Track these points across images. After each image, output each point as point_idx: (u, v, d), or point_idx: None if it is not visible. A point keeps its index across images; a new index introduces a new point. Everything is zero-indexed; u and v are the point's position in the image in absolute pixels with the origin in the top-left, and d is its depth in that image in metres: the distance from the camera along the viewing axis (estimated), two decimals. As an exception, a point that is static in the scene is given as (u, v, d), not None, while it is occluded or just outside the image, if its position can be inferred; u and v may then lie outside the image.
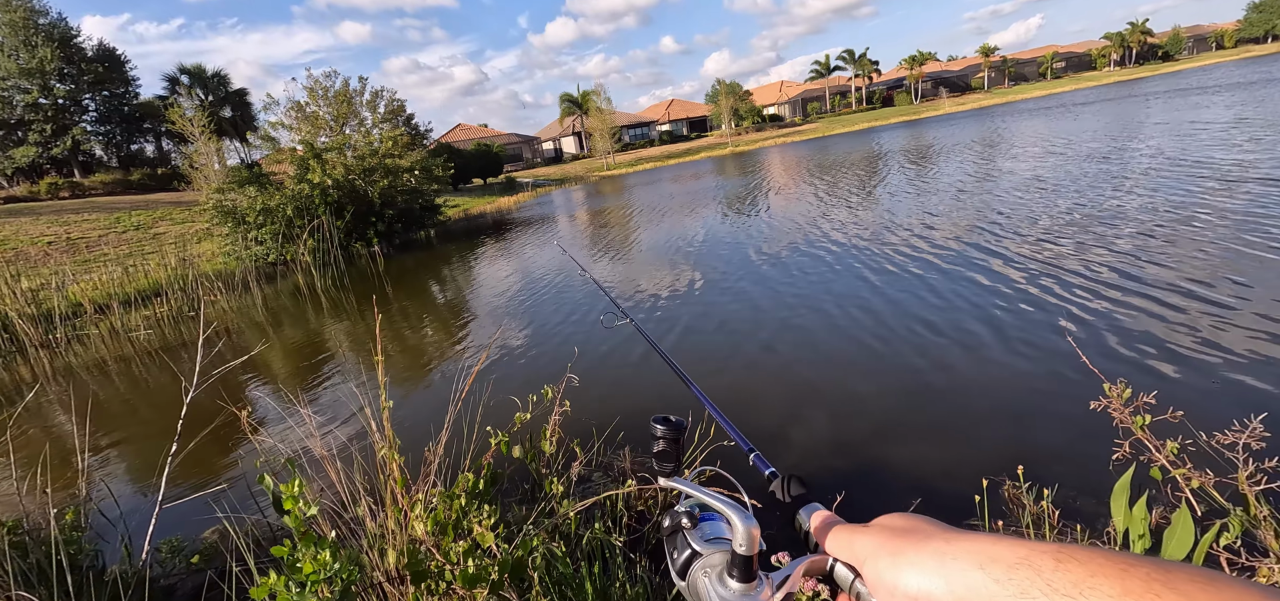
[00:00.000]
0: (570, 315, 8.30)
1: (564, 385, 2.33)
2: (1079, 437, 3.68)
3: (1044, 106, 41.38)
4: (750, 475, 0.81)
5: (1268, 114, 17.37)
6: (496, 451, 2.24)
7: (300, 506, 1.38)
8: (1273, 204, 7.91)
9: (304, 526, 1.38)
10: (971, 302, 6.25)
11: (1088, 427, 3.76)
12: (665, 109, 73.30)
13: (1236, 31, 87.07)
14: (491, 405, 2.86)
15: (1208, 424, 2.21)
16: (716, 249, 11.25)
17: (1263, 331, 4.62)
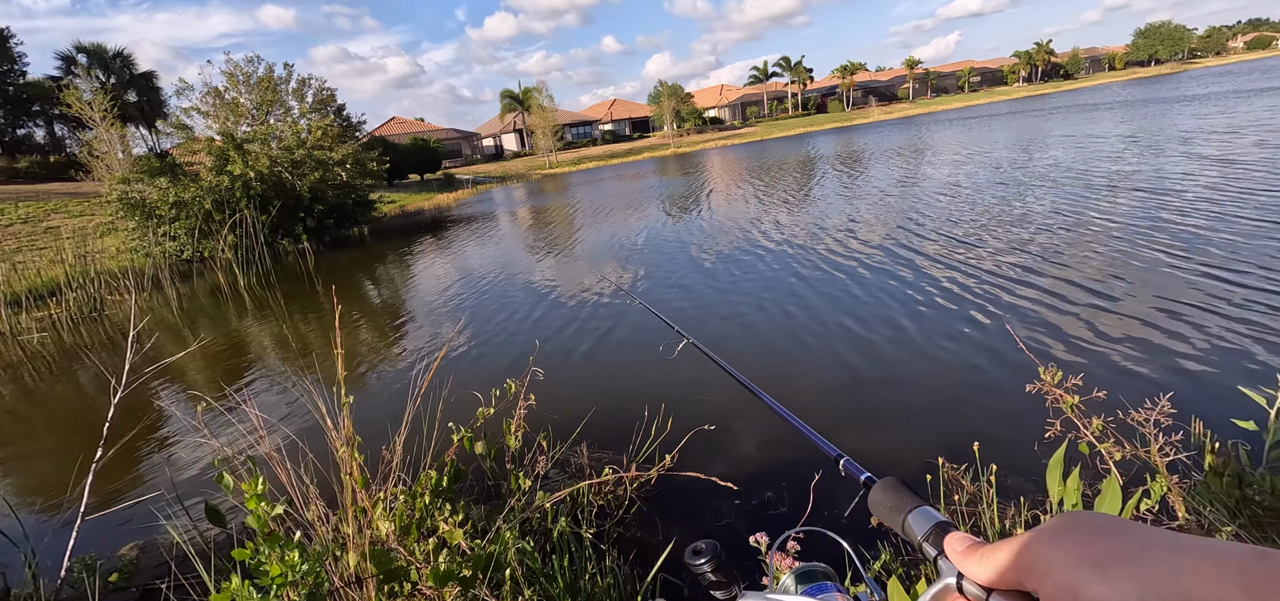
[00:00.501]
0: (523, 315, 8.16)
1: (528, 379, 2.29)
2: (1006, 420, 3.96)
3: (962, 117, 44.21)
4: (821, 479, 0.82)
5: (1149, 129, 19.29)
6: (459, 448, 2.18)
7: (264, 506, 1.28)
8: (1155, 209, 8.79)
9: (268, 526, 1.29)
10: (904, 300, 6.59)
11: (1013, 411, 4.06)
12: (608, 108, 73.25)
13: (1125, 54, 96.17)
14: (452, 402, 2.77)
15: (1123, 404, 2.44)
16: (660, 248, 11.35)
17: (1160, 323, 5.12)
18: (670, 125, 58.78)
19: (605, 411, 4.98)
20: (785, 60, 74.55)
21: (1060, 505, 1.99)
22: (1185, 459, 2.36)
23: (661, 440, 4.04)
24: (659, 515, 3.56)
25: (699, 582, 0.77)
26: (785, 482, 3.65)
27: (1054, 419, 2.26)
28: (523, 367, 3.07)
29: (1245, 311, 5.06)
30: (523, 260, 12.03)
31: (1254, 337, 4.60)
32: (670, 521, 3.50)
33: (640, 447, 4.02)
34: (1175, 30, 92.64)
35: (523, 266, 11.37)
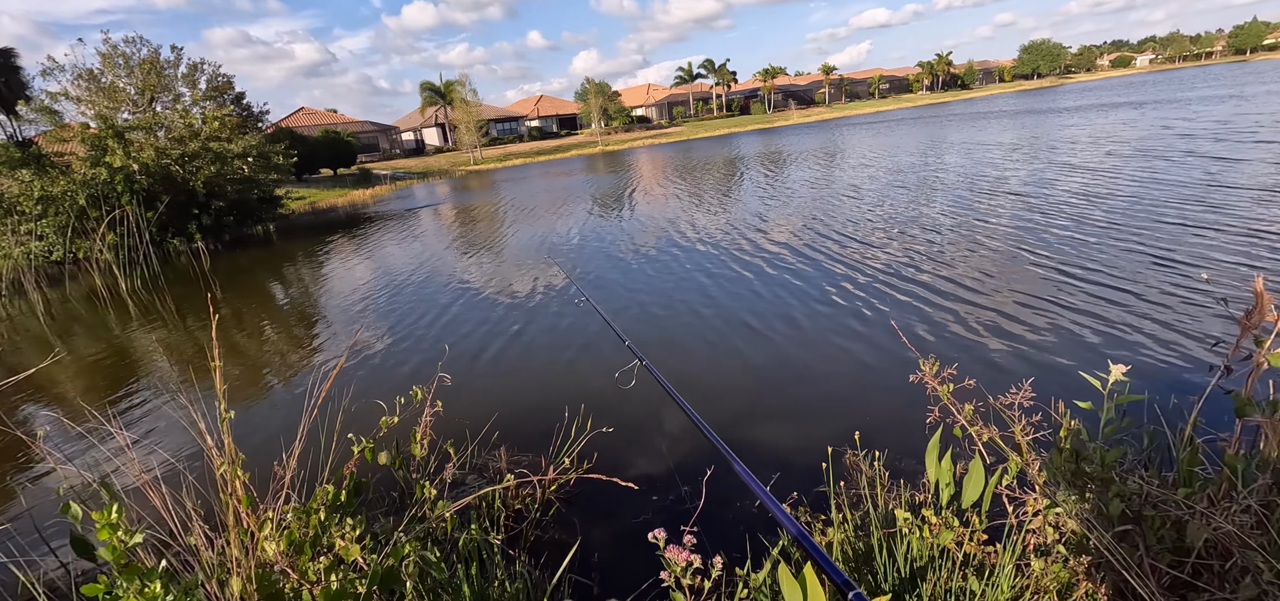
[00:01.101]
0: (438, 318, 7.90)
1: (435, 385, 2.23)
2: (895, 408, 4.27)
3: (873, 122, 46.96)
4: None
5: (1026, 139, 21.31)
6: (361, 459, 2.10)
7: (120, 536, 1.18)
8: (1023, 212, 9.74)
9: (125, 558, 1.18)
10: (803, 297, 6.95)
11: (901, 399, 4.38)
12: (534, 104, 72.10)
13: (1012, 68, 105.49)
14: (353, 411, 2.64)
15: (994, 390, 2.69)
16: (588, 247, 11.34)
17: (1024, 317, 5.67)
18: (598, 123, 58.65)
19: (528, 413, 4.94)
20: (709, 62, 76.22)
21: (936, 485, 2.18)
22: (1045, 437, 2.64)
23: (582, 440, 4.06)
24: (578, 515, 3.57)
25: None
26: (702, 477, 3.76)
27: (933, 405, 2.47)
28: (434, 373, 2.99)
29: (1092, 305, 5.72)
30: (444, 260, 11.64)
31: (1095, 328, 5.22)
32: (590, 520, 3.52)
33: (560, 449, 4.01)
34: (1053, 48, 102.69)
35: (443, 267, 11.00)
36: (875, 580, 1.96)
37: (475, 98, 48.31)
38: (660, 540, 1.49)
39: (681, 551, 1.48)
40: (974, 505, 2.11)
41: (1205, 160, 12.32)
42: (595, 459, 3.98)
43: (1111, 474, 1.79)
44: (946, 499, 2.16)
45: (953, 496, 2.12)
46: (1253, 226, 7.40)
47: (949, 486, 2.14)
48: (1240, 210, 8.17)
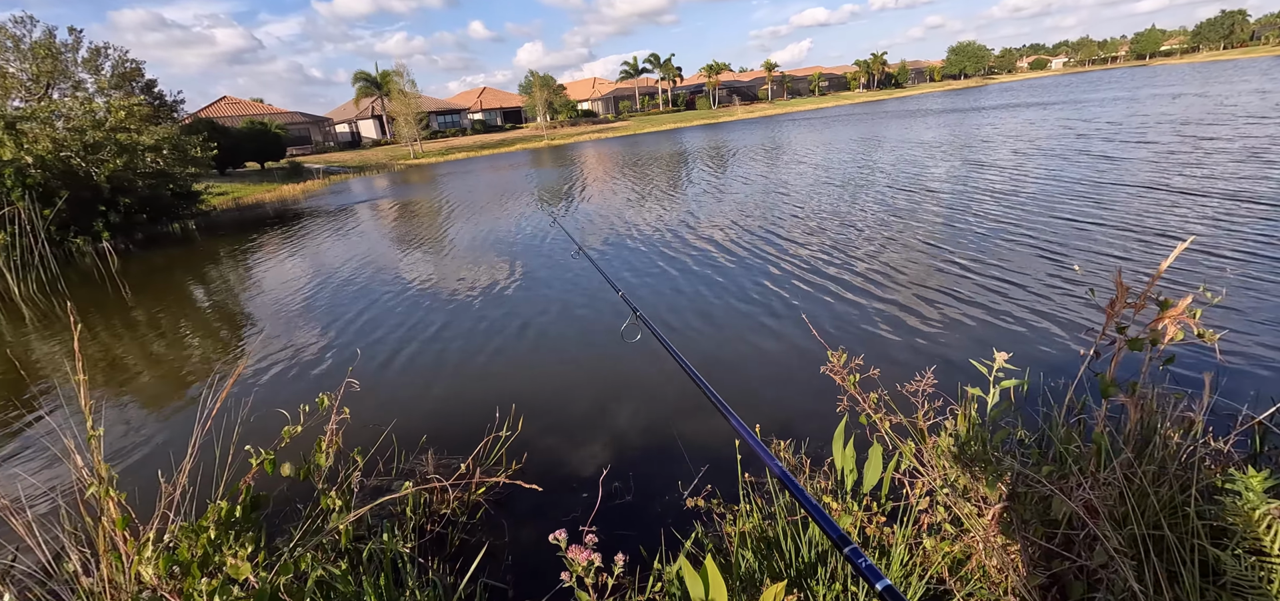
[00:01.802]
0: (368, 318, 7.62)
1: (343, 391, 2.16)
2: (815, 397, 4.43)
3: (814, 118, 48.38)
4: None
5: (950, 137, 22.50)
6: (260, 472, 2.01)
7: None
8: (935, 207, 10.30)
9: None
10: (729, 293, 7.12)
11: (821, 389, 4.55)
12: (477, 97, 70.39)
13: (942, 68, 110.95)
14: (253, 422, 2.52)
15: (900, 378, 2.84)
16: (535, 243, 11.20)
17: (926, 310, 6.00)
18: (543, 117, 57.91)
19: (463, 412, 4.85)
20: (655, 57, 76.51)
21: (841, 471, 2.28)
22: (945, 422, 2.81)
23: (512, 440, 4.02)
24: (508, 516, 3.54)
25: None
26: (631, 473, 3.80)
27: (841, 395, 2.57)
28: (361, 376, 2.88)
29: (988, 297, 6.11)
30: (382, 258, 11.23)
31: (990, 318, 5.58)
32: (520, 520, 3.49)
33: (491, 450, 3.96)
34: (978, 50, 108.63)
35: (380, 264, 10.62)
36: (782, 566, 2.04)
37: (414, 89, 46.75)
38: (561, 541, 1.49)
39: (583, 551, 1.49)
40: (874, 489, 2.22)
41: (1096, 159, 13.34)
42: (526, 458, 3.96)
43: (990, 455, 1.92)
44: (850, 484, 2.27)
45: (854, 482, 2.22)
46: (1126, 221, 8.09)
47: (852, 472, 2.24)
48: (1119, 207, 8.90)
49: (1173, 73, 55.25)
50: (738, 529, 2.05)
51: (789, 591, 1.76)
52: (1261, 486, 1.84)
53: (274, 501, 2.70)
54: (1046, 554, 1.91)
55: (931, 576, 2.08)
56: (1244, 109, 19.66)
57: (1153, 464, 2.09)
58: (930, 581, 2.11)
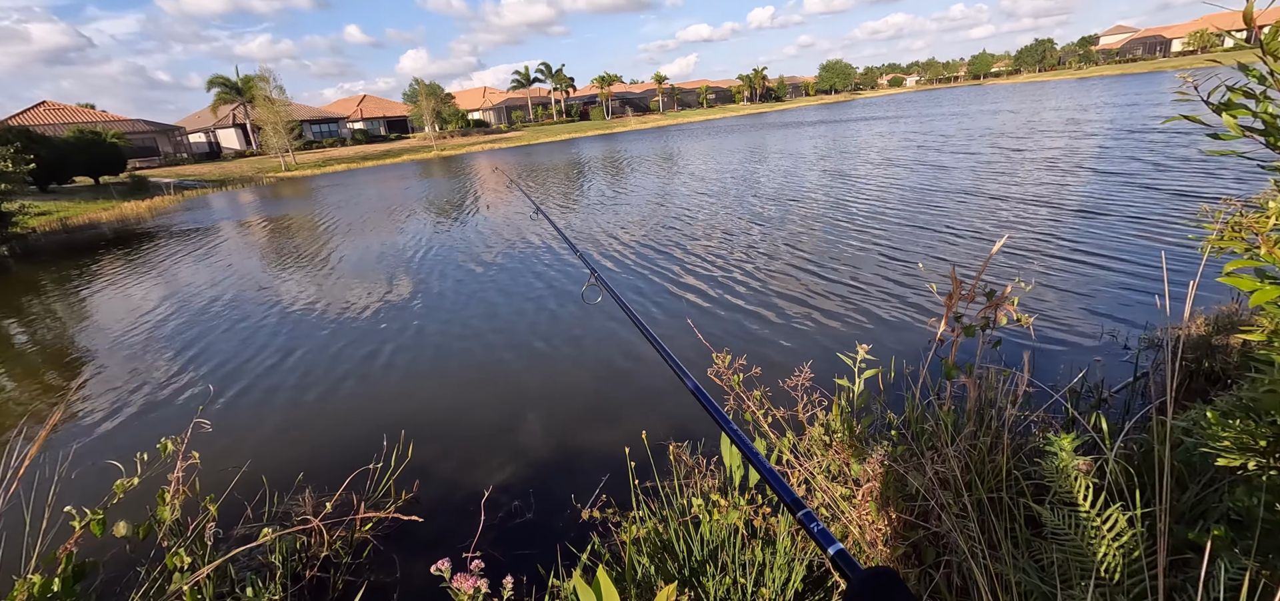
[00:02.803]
0: (216, 348, 6.87)
1: (190, 433, 1.93)
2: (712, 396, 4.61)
3: (703, 129, 50.38)
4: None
5: (826, 148, 24.47)
6: (86, 535, 1.74)
7: None
8: (810, 216, 11.18)
9: None
10: (645, 300, 7.26)
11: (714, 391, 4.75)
12: (357, 105, 66.01)
13: (815, 83, 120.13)
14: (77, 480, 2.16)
15: (782, 374, 3.02)
16: (425, 259, 10.67)
17: (803, 311, 6.48)
18: (431, 126, 55.47)
19: (346, 445, 4.51)
20: (546, 67, 76.06)
21: (730, 468, 2.38)
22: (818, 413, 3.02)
23: (403, 468, 3.80)
24: (399, 550, 3.34)
25: None
26: (531, 490, 3.73)
27: (728, 394, 2.69)
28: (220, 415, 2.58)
29: (854, 296, 6.71)
30: (245, 282, 10.17)
31: (854, 315, 6.14)
32: (412, 554, 3.31)
33: (379, 482, 3.72)
34: (845, 68, 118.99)
35: (243, 290, 9.61)
36: (675, 567, 2.10)
37: (283, 95, 42.99)
38: (444, 571, 1.44)
39: (469, 578, 1.44)
40: (759, 483, 2.35)
41: (933, 168, 15.08)
42: (417, 486, 3.76)
43: (855, 442, 2.10)
44: (738, 480, 2.38)
45: (741, 479, 2.33)
46: (957, 224, 9.24)
47: (739, 468, 2.35)
48: (951, 211, 10.13)
49: (999, 92, 63.62)
50: (632, 535, 2.08)
51: (681, 590, 1.81)
52: (1071, 446, 2.16)
53: (109, 566, 2.35)
54: (908, 525, 2.11)
55: (814, 560, 2.23)
56: (1045, 124, 23.07)
57: (989, 435, 2.39)
58: (813, 565, 2.26)
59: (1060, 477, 2.08)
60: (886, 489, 2.14)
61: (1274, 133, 0.82)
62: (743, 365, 2.70)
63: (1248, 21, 0.79)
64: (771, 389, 2.82)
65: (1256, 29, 0.78)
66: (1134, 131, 17.71)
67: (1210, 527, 1.71)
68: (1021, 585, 1.90)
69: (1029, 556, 2.03)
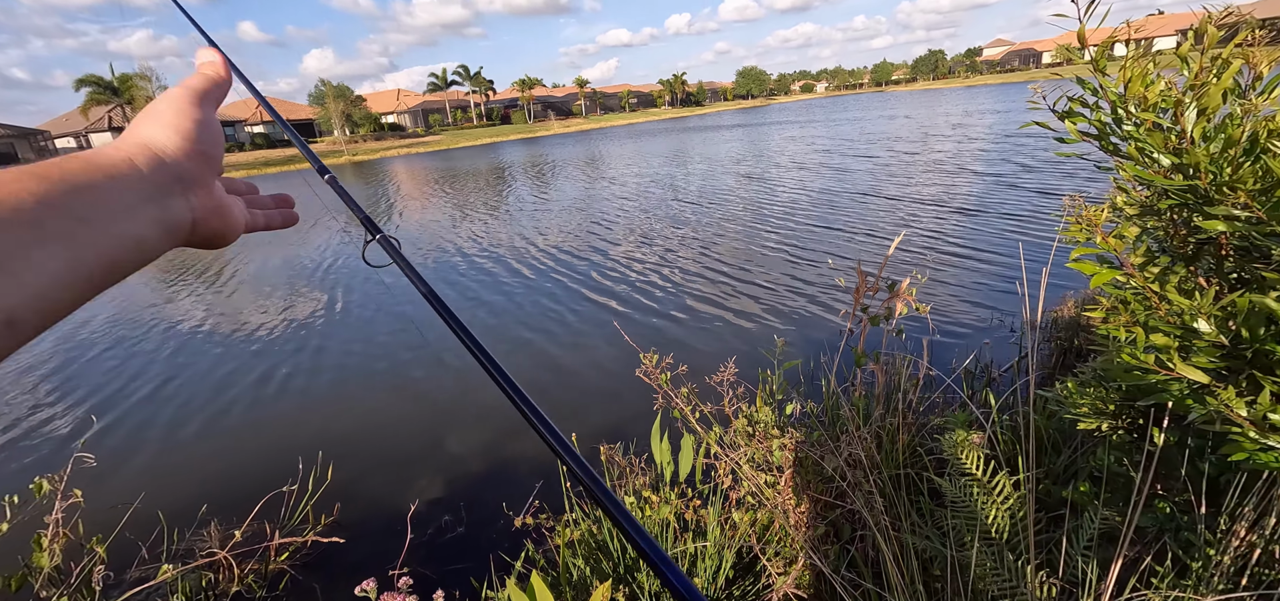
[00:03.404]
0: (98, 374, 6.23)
1: (70, 469, 1.75)
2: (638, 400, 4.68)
3: (628, 133, 50.79)
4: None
5: (743, 152, 25.38)
6: (-55, 595, 1.54)
7: None
8: (738, 220, 11.62)
9: None
10: (571, 307, 7.26)
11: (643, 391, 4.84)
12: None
13: (733, 89, 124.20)
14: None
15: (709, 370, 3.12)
16: (334, 270, 10.09)
17: (727, 305, 6.74)
18: (341, 131, 52.53)
19: (257, 472, 4.21)
20: (464, 69, 74.02)
21: (662, 466, 2.44)
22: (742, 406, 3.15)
23: (323, 490, 3.60)
24: (320, 578, 3.16)
25: None
26: (463, 502, 3.64)
27: (657, 393, 2.75)
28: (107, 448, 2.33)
29: (772, 294, 7.05)
30: (129, 301, 9.22)
31: (774, 311, 6.46)
32: (334, 581, 3.14)
33: (295, 508, 3.51)
34: (760, 74, 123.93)
35: (126, 309, 8.72)
36: (609, 567, 2.13)
37: (168, 97, 39.24)
38: (370, 591, 1.39)
39: (396, 597, 1.41)
40: (689, 476, 2.42)
41: (838, 172, 16.05)
42: (338, 509, 3.57)
43: (772, 432, 2.22)
44: (669, 475, 2.44)
45: (672, 473, 2.40)
46: (855, 224, 9.91)
47: (670, 464, 2.42)
48: (853, 211, 10.84)
49: (898, 98, 68.46)
50: (566, 538, 2.09)
51: (616, 588, 1.84)
52: (964, 421, 2.38)
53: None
54: (826, 506, 2.25)
55: (743, 546, 2.33)
56: (934, 128, 25.09)
57: (896, 416, 2.59)
58: (743, 551, 2.36)
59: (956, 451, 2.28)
60: (806, 473, 2.28)
61: (1105, 137, 0.97)
62: (670, 364, 2.77)
63: (1081, 41, 0.93)
64: (698, 386, 2.91)
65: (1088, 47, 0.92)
66: (1009, 135, 19.60)
67: (1077, 485, 1.94)
68: (926, 551, 2.07)
69: (933, 524, 2.22)
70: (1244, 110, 0.79)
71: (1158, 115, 0.83)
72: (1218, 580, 1.05)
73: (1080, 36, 0.94)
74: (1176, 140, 0.81)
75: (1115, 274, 0.95)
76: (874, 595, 1.92)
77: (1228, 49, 0.81)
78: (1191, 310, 0.81)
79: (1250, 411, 0.75)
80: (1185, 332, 0.84)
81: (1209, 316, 0.81)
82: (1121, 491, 1.72)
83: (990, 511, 1.92)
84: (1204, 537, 1.13)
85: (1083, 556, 1.55)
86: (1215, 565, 1.09)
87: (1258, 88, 0.81)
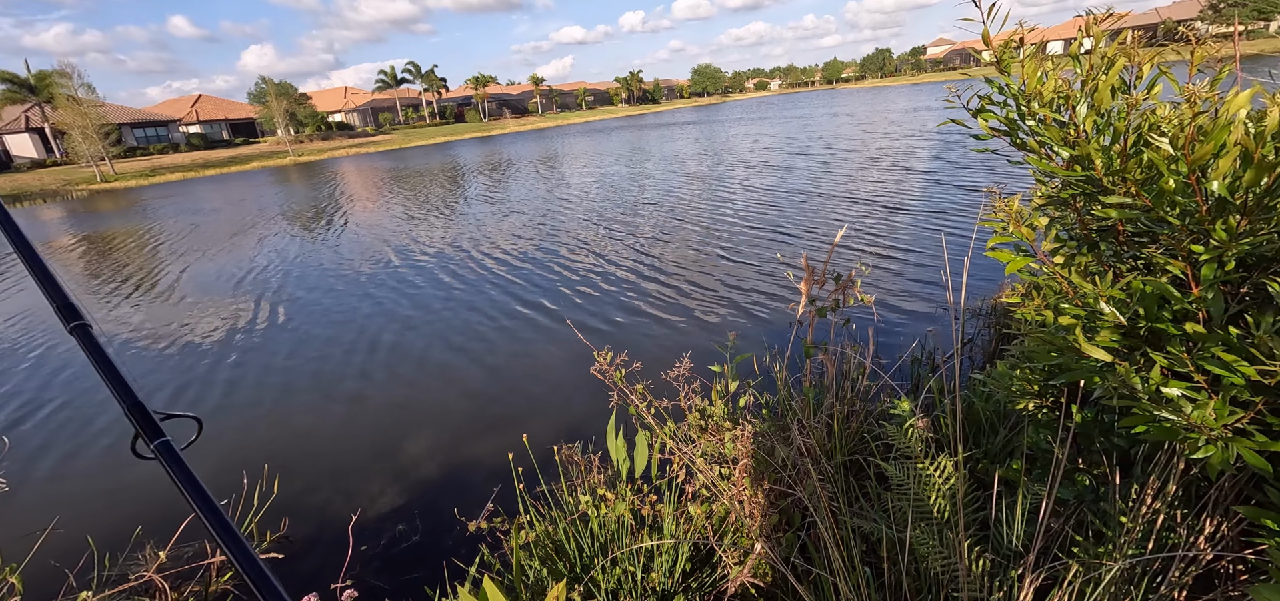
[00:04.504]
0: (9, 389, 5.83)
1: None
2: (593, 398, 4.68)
3: (585, 131, 50.52)
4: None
5: (695, 150, 25.62)
6: None
7: None
8: (686, 220, 11.74)
9: None
10: (500, 312, 7.19)
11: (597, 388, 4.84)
12: (192, 106, 58.20)
13: (688, 86, 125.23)
14: None
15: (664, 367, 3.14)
16: (281, 275, 9.70)
17: (683, 300, 6.81)
18: (285, 129, 50.44)
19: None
20: (414, 66, 72.14)
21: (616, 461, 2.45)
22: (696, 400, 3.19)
23: (269, 505, 3.46)
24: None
25: None
26: (417, 510, 3.56)
27: (612, 390, 2.76)
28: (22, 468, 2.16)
29: (724, 290, 7.16)
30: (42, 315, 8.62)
31: (725, 307, 6.57)
32: (283, 599, 3.02)
33: (240, 523, 3.35)
34: (715, 72, 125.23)
35: (37, 324, 8.16)
36: (566, 567, 2.12)
37: (93, 94, 36.91)
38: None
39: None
40: (645, 472, 2.44)
41: (787, 171, 16.42)
42: (286, 525, 3.44)
43: (725, 425, 2.25)
44: (625, 472, 2.45)
45: (628, 471, 2.41)
46: (804, 221, 10.19)
47: (625, 461, 2.43)
48: (802, 207, 11.14)
49: (850, 95, 70.36)
50: (521, 540, 2.08)
51: (571, 587, 1.84)
52: (908, 407, 2.48)
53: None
54: (779, 495, 2.30)
55: (700, 539, 2.36)
56: (875, 127, 25.93)
57: (846, 405, 2.67)
58: (699, 544, 2.39)
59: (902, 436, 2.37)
60: (759, 464, 2.32)
61: (1014, 132, 1.03)
62: (624, 361, 2.77)
63: (985, 41, 0.99)
64: (654, 382, 2.93)
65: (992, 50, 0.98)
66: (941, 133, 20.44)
67: (1010, 463, 2.05)
68: (873, 533, 2.15)
69: (881, 508, 2.31)
70: (1129, 105, 0.85)
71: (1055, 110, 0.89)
72: (1128, 545, 1.12)
73: (985, 38, 1.00)
74: (1073, 133, 0.87)
75: (1028, 260, 1.01)
76: (823, 580, 1.98)
77: (1112, 47, 0.87)
78: (1094, 293, 0.88)
79: (1144, 386, 0.81)
80: (1089, 314, 0.90)
81: (1109, 299, 0.87)
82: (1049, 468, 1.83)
83: (930, 493, 2.00)
84: (1118, 507, 1.21)
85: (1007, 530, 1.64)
86: (1126, 532, 1.17)
87: (1139, 85, 0.88)
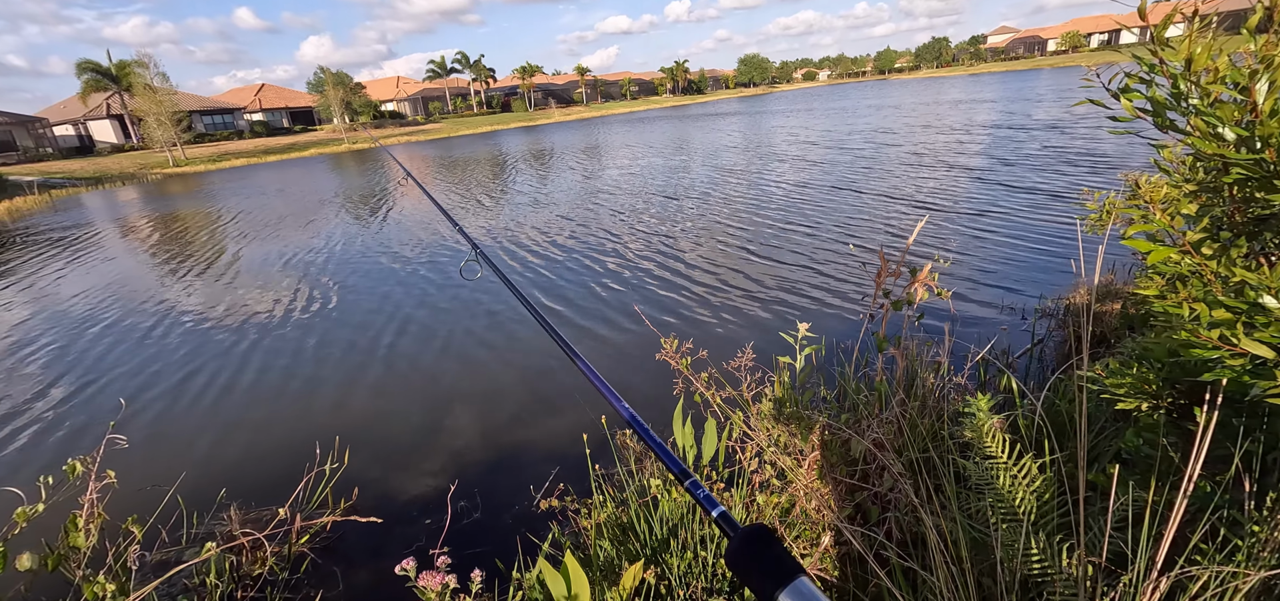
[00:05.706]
0: (120, 359, 6.25)
1: (102, 450, 1.76)
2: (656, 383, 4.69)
3: (630, 121, 50.53)
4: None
5: (747, 141, 25.25)
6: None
7: None
8: (742, 206, 11.57)
9: None
10: (586, 291, 7.26)
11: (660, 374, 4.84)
12: (255, 95, 61.07)
13: (734, 77, 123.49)
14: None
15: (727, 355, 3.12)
16: (343, 261, 10.09)
17: (747, 292, 6.72)
18: (341, 118, 52.30)
19: (271, 455, 4.25)
20: (464, 57, 73.55)
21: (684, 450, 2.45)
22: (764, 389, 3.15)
23: (338, 476, 3.62)
24: (340, 562, 3.18)
25: None
26: (477, 489, 3.65)
27: (676, 378, 2.75)
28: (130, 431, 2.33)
29: (789, 280, 7.03)
30: (143, 288, 9.23)
31: (791, 297, 6.45)
32: (354, 565, 3.17)
33: (312, 492, 3.53)
34: (762, 62, 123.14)
35: (141, 296, 8.73)
36: (637, 548, 2.14)
37: (167, 83, 39.10)
38: (410, 571, 1.40)
39: (436, 576, 1.41)
40: (712, 459, 2.43)
41: (854, 158, 16.02)
42: (356, 494, 3.59)
43: (801, 413, 2.22)
44: (691, 459, 2.45)
45: (695, 457, 2.40)
46: (870, 215, 9.87)
47: (692, 447, 2.42)
48: (868, 201, 10.82)
49: (902, 87, 67.94)
50: (593, 520, 2.10)
51: (646, 569, 1.85)
52: (987, 406, 2.38)
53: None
54: (851, 489, 2.26)
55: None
56: (941, 121, 24.94)
57: (917, 400, 2.59)
58: (764, 532, 2.37)
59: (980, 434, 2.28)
60: (829, 455, 2.28)
61: (1160, 114, 0.96)
62: (690, 349, 2.77)
63: (1141, 16, 0.92)
64: (717, 370, 2.91)
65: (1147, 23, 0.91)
66: (1016, 128, 19.49)
67: (1104, 468, 1.95)
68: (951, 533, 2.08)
69: (958, 507, 2.23)
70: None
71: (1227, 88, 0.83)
72: (1269, 554, 1.05)
73: (1141, 12, 0.93)
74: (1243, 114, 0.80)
75: (1171, 252, 0.95)
76: (911, 573, 1.93)
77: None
78: (1260, 284, 0.81)
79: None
80: (1250, 308, 0.83)
81: (1276, 292, 0.80)
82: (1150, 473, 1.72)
83: (1018, 493, 1.92)
84: (1251, 515, 1.13)
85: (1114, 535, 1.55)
86: (1264, 541, 1.09)
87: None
